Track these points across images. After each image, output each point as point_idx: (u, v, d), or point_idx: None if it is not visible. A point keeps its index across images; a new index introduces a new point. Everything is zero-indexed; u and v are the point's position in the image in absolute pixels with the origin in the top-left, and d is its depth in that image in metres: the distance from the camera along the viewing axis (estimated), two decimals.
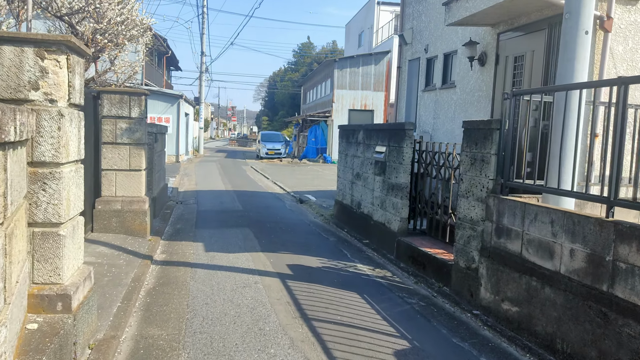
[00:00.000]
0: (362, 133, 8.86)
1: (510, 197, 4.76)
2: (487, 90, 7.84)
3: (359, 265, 6.74)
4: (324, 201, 13.04)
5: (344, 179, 9.93)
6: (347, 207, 9.58)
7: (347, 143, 9.83)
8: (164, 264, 6.49)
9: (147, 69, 28.18)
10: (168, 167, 22.22)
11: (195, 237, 8.13)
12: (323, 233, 8.97)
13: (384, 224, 7.69)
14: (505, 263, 4.65)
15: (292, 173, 22.02)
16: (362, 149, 8.82)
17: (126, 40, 8.82)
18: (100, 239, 7.23)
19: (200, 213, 10.60)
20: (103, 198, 7.62)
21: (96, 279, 5.36)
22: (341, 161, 10.16)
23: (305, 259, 6.89)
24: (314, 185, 17.01)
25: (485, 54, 7.86)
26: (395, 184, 7.29)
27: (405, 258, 6.79)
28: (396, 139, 7.32)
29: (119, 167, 7.65)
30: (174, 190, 14.12)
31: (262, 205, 12.05)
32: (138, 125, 7.67)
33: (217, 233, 8.48)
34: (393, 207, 7.37)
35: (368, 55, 31.70)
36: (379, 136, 8.04)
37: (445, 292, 5.62)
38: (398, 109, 11.00)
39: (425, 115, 9.88)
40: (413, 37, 10.51)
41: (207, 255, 6.92)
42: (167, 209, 10.55)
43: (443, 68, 9.37)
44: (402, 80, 11.09)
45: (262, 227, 9.13)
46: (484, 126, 5.10)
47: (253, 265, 6.48)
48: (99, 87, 7.92)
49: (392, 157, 7.46)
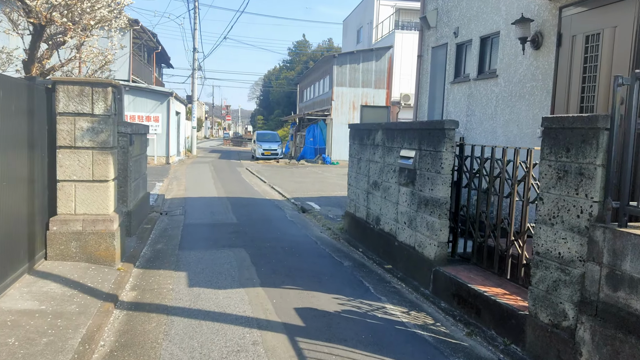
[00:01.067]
0: (380, 134, 7.31)
1: (634, 229, 3.21)
2: (544, 79, 6.28)
3: (388, 306, 5.18)
4: (329, 210, 11.48)
5: (357, 188, 8.37)
6: (362, 222, 8.03)
7: (360, 145, 8.27)
8: (131, 309, 4.90)
9: (135, 65, 26.51)
10: (156, 170, 20.61)
11: (177, 264, 6.54)
12: (335, 255, 7.40)
13: (414, 248, 6.13)
14: (630, 329, 3.11)
15: (291, 176, 20.44)
16: (382, 152, 7.27)
17: (92, 22, 7.20)
18: (54, 270, 5.64)
19: (187, 228, 9.01)
20: (59, 217, 6.03)
21: (29, 343, 3.78)
22: (353, 166, 8.60)
23: (317, 298, 5.32)
24: (315, 190, 15.44)
25: (541, 34, 6.30)
26: (431, 199, 5.74)
27: (446, 295, 5.23)
28: (431, 142, 5.76)
29: (80, 177, 6.06)
30: (159, 197, 12.50)
31: (259, 217, 10.47)
32: (104, 125, 6.07)
33: (205, 257, 6.89)
34: (427, 227, 5.81)
35: (369, 51, 30.16)
36: (404, 137, 6.49)
37: (517, 354, 4.07)
38: (419, 105, 9.42)
39: (455, 112, 8.31)
40: (438, 19, 8.93)
41: (190, 294, 5.34)
42: (147, 223, 8.95)
43: (479, 55, 7.80)
44: (424, 72, 9.51)
45: (260, 248, 7.54)
46: (582, 124, 3.55)
47: (250, 310, 4.89)
48: (55, 77, 6.30)
49: (424, 164, 5.90)
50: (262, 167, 25.55)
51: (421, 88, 9.41)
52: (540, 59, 6.36)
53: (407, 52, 30.44)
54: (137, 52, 27.98)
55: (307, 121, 33.73)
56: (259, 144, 31.37)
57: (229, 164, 27.02)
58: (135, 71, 26.58)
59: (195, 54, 35.85)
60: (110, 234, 6.09)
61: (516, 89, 6.85)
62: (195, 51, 35.81)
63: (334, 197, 13.98)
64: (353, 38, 40.69)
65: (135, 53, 27.29)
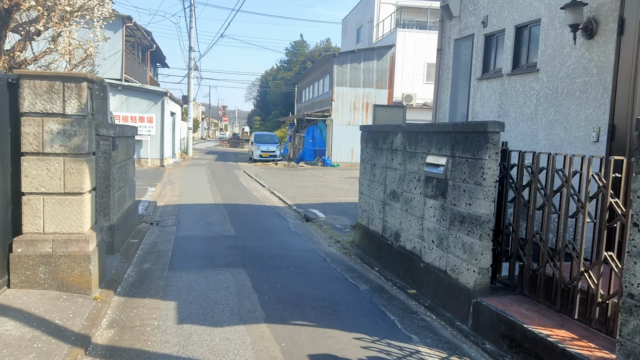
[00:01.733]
0: (400, 137, 6.37)
1: None
2: (599, 74, 5.34)
3: (423, 350, 4.23)
4: (335, 219, 10.53)
5: (371, 197, 7.44)
6: (377, 237, 7.09)
7: (374, 149, 7.34)
8: (106, 356, 3.94)
9: (128, 64, 25.53)
10: (150, 173, 19.59)
11: (166, 290, 5.58)
12: (348, 275, 6.46)
13: (445, 272, 5.20)
14: None
15: (291, 179, 19.49)
16: (401, 158, 6.33)
17: (68, 8, 6.24)
18: (15, 303, 4.67)
19: (180, 242, 8.05)
20: (25, 236, 5.07)
21: None
22: (366, 173, 7.67)
23: (335, 339, 4.37)
24: (317, 195, 14.49)
25: (595, 20, 5.38)
26: (468, 215, 4.80)
27: (493, 335, 4.30)
28: (468, 147, 4.82)
29: (49, 189, 5.09)
30: (150, 205, 11.54)
31: (260, 227, 9.51)
32: (78, 127, 5.11)
33: (198, 280, 5.93)
34: (464, 248, 4.88)
35: (370, 50, 29.23)
36: (432, 142, 5.55)
37: None
38: (438, 105, 8.47)
39: (484, 112, 7.36)
40: (462, 7, 7.97)
41: (179, 333, 4.37)
42: (134, 237, 7.98)
43: (514, 46, 6.85)
44: (444, 67, 8.55)
45: (262, 267, 6.59)
46: None
47: (254, 357, 3.94)
48: (19, 71, 5.35)
49: (459, 174, 4.97)
50: (260, 169, 24.59)
51: (441, 85, 8.45)
52: (594, 50, 5.43)
53: (409, 51, 29.57)
54: (130, 51, 26.97)
55: (306, 122, 32.78)
56: (256, 146, 30.37)
57: (226, 167, 26.04)
58: (128, 70, 25.57)
59: (192, 53, 34.90)
60: (86, 256, 5.13)
61: (563, 85, 5.92)
62: (191, 50, 34.85)
63: (339, 203, 13.04)
64: (353, 37, 39.80)
65: (129, 51, 26.28)
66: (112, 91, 22.65)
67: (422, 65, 29.84)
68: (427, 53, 29.77)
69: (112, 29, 24.01)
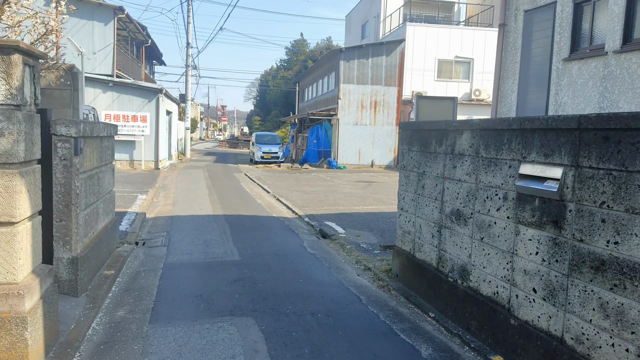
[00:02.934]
0: (468, 136, 4.63)
1: None
2: None
3: None
4: (357, 236, 8.77)
5: (418, 216, 5.69)
6: (428, 269, 5.34)
7: (422, 153, 5.59)
8: None
9: (120, 58, 23.75)
10: (143, 177, 17.76)
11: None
12: (397, 327, 4.69)
13: (562, 341, 3.44)
14: None
15: (297, 183, 17.71)
16: (471, 166, 4.59)
17: None
18: None
19: (169, 272, 6.28)
20: None
21: None
22: (409, 184, 5.92)
23: None
24: (330, 204, 12.72)
25: None
26: (614, 260, 3.05)
27: None
28: (610, 153, 3.08)
29: None
30: (137, 217, 9.75)
31: (269, 249, 7.74)
32: (6, 122, 3.35)
33: (190, 343, 4.16)
34: (604, 312, 3.12)
35: (379, 45, 27.47)
36: (530, 142, 3.81)
37: None
38: (501, 96, 6.66)
39: (574, 104, 5.58)
40: None
41: None
42: (110, 267, 6.20)
43: (626, 12, 5.09)
44: (509, 47, 6.74)
45: (279, 316, 4.82)
46: None
47: None
48: None
49: (592, 194, 3.22)
50: (263, 172, 22.82)
51: (504, 71, 6.65)
52: None
53: (419, 47, 27.88)
54: (122, 45, 25.18)
55: (310, 121, 31.01)
56: (258, 147, 28.57)
57: (226, 169, 24.26)
58: (121, 66, 23.79)
59: (189, 50, 33.20)
60: (19, 319, 3.37)
61: None
62: (188, 46, 33.15)
63: (357, 214, 11.27)
64: (357, 33, 38.08)
65: (121, 46, 24.50)
66: (102, 88, 20.88)
67: (432, 62, 28.17)
68: (438, 48, 28.07)
69: (102, 21, 22.25)
